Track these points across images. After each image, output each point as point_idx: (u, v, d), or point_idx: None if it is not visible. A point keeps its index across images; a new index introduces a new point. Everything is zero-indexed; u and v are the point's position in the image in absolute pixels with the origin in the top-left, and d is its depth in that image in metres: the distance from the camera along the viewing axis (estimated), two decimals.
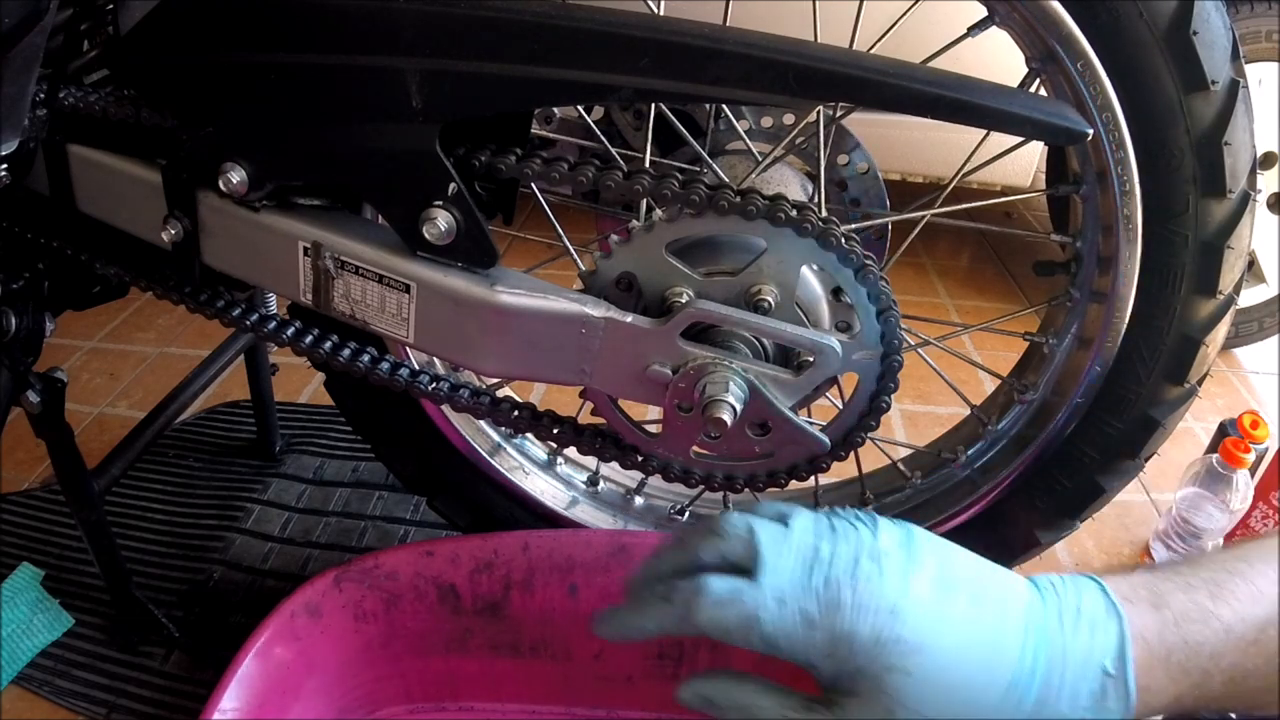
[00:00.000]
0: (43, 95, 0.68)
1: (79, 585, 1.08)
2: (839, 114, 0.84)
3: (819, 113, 0.79)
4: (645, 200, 0.63)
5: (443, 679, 0.90)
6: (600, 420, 0.72)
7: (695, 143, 0.86)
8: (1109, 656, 0.39)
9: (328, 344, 0.72)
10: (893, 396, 0.67)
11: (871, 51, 0.59)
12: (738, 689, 0.49)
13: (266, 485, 1.25)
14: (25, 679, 0.97)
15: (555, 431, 0.73)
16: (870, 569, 0.44)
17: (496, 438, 0.95)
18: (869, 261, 0.62)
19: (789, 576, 0.45)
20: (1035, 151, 1.70)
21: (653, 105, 0.84)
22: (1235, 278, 0.74)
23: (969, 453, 0.91)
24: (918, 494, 0.94)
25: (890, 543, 0.47)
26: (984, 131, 0.77)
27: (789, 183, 0.88)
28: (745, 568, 0.48)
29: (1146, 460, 0.83)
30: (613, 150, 0.82)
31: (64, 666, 0.99)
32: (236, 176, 0.64)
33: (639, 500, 1.00)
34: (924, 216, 0.84)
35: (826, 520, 0.50)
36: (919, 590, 0.43)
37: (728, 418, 0.63)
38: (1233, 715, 0.71)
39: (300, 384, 1.51)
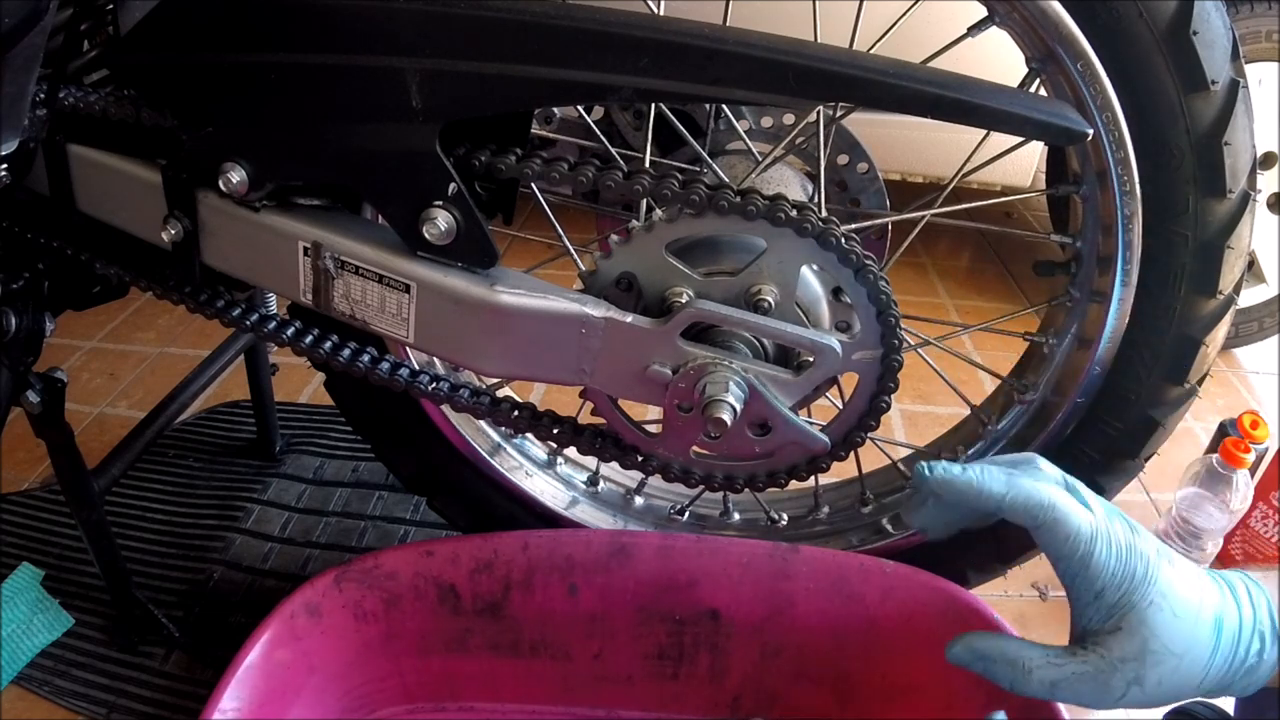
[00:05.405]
0: (43, 95, 0.68)
1: (79, 585, 1.08)
2: (839, 114, 0.84)
3: (819, 113, 0.79)
4: (645, 200, 0.63)
5: (443, 679, 0.90)
6: (600, 420, 0.72)
7: (695, 143, 0.86)
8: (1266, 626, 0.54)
9: (328, 344, 0.72)
10: (893, 396, 0.67)
11: (871, 51, 0.59)
12: (1007, 642, 0.56)
13: (266, 485, 1.25)
14: (25, 679, 0.97)
15: (555, 431, 0.73)
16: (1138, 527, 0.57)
17: (496, 438, 0.95)
18: (869, 261, 0.62)
19: (1106, 511, 0.56)
20: (1035, 151, 1.69)
21: (653, 105, 0.84)
22: (1235, 278, 0.74)
23: (969, 453, 0.91)
24: None
25: None
26: (984, 131, 0.77)
27: (789, 183, 0.88)
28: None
29: (1146, 460, 0.83)
30: (613, 150, 0.82)
31: (64, 666, 0.99)
32: (236, 176, 0.64)
33: (639, 500, 1.00)
34: (924, 216, 0.84)
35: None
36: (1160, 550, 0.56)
37: (728, 418, 0.63)
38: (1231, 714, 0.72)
39: (300, 384, 1.51)
